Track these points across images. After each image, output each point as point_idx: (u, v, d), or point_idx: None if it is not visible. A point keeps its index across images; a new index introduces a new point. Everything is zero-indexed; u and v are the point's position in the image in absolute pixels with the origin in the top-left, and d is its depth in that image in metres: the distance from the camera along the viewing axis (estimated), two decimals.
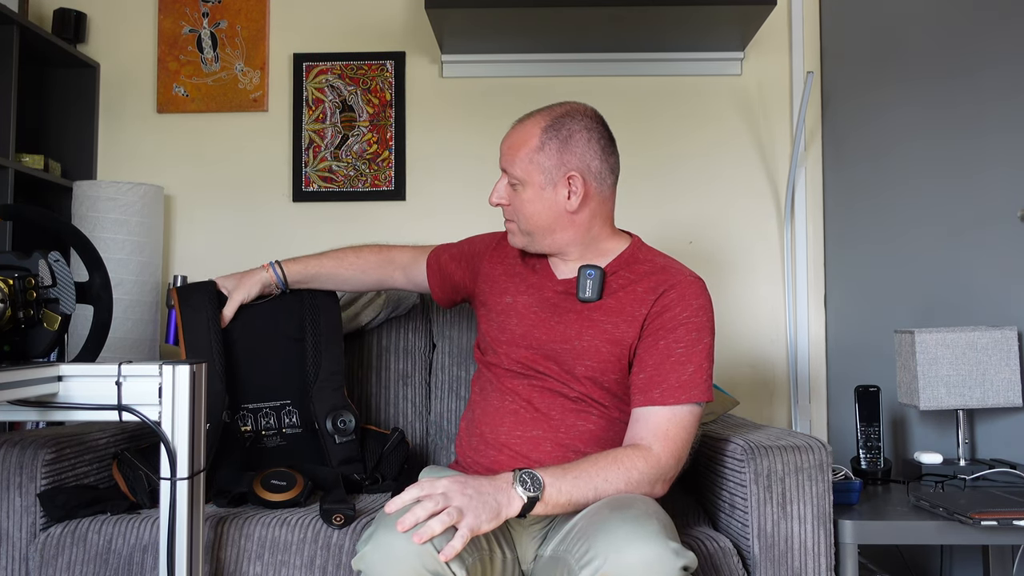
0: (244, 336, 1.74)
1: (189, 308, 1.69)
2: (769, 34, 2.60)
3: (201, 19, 2.66)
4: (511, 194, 1.50)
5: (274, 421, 1.73)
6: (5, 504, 1.53)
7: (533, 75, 2.63)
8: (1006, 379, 1.86)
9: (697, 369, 1.40)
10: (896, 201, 2.30)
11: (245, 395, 1.72)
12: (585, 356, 1.45)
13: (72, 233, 1.48)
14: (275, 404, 1.74)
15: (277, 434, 1.73)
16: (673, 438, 1.37)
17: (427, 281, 1.76)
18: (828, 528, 1.46)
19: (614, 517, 1.18)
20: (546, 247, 1.52)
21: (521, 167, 1.47)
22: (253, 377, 1.73)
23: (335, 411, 1.72)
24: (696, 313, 1.44)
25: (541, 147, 1.47)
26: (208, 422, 1.43)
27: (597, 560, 1.12)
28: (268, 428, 1.73)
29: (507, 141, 1.52)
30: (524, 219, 1.50)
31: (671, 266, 1.51)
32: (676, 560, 1.11)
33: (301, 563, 1.46)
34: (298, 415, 1.74)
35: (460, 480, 1.22)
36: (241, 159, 2.65)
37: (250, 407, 1.72)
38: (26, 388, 1.24)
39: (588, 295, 1.47)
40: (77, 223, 2.38)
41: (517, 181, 1.48)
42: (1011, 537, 1.57)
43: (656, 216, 2.61)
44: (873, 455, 1.93)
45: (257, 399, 1.73)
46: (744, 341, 2.58)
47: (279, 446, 1.72)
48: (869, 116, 2.41)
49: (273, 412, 1.73)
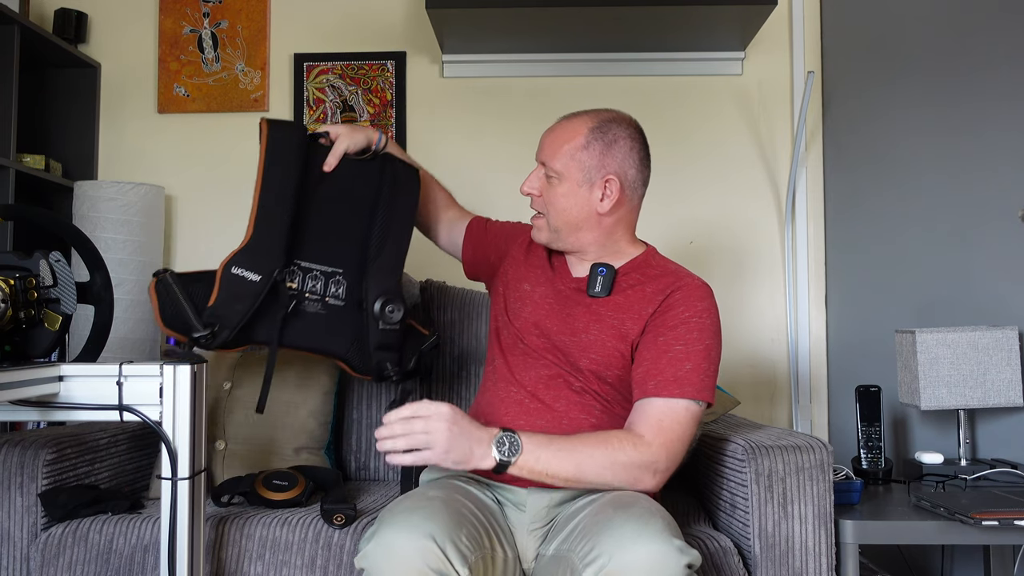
0: (322, 188, 1.60)
1: (273, 145, 1.56)
2: (770, 34, 2.60)
3: (202, 19, 2.66)
4: (544, 186, 1.53)
5: (320, 287, 1.59)
6: (6, 504, 1.54)
7: (533, 75, 2.63)
8: (1007, 379, 1.86)
9: (695, 367, 1.40)
10: (897, 201, 2.29)
11: (301, 250, 1.58)
12: (591, 349, 1.47)
13: (73, 233, 1.49)
14: (327, 269, 1.59)
15: (320, 301, 1.59)
16: (667, 430, 1.36)
17: (463, 240, 1.77)
18: (829, 528, 1.46)
19: (618, 515, 1.18)
20: (569, 244, 1.55)
21: (562, 161, 1.50)
22: (315, 234, 1.59)
23: (387, 295, 1.58)
24: (699, 314, 1.45)
25: (586, 146, 1.50)
26: (259, 273, 1.49)
27: (602, 558, 1.12)
28: (312, 292, 1.58)
29: (551, 135, 1.54)
30: (555, 213, 1.52)
31: (681, 271, 1.54)
32: (680, 558, 1.12)
33: (302, 563, 1.47)
34: (345, 288, 1.60)
35: (455, 417, 1.27)
36: (242, 159, 2.65)
37: (302, 264, 1.58)
38: (27, 388, 1.24)
39: (597, 290, 1.50)
40: (78, 223, 2.38)
41: (555, 174, 1.51)
42: (1012, 537, 1.57)
43: (656, 216, 2.60)
44: (874, 455, 1.93)
45: (311, 258, 1.59)
46: (745, 341, 2.58)
47: (317, 314, 1.58)
48: (870, 116, 2.41)
49: (322, 277, 1.59)
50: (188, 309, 1.46)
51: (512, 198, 2.57)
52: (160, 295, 1.47)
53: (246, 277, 1.49)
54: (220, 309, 1.48)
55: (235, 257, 1.50)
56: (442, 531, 1.17)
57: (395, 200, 1.64)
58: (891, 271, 2.31)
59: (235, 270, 1.50)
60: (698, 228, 2.62)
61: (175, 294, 1.46)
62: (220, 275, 1.49)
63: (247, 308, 1.48)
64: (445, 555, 1.15)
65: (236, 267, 1.50)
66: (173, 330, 1.47)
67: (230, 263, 1.50)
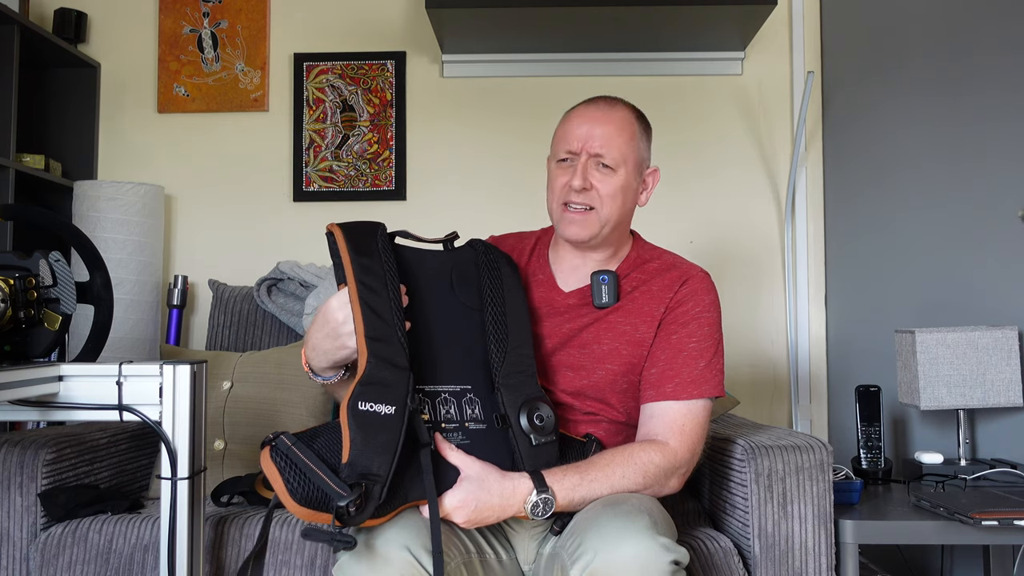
0: (416, 294, 1.34)
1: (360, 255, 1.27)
2: (770, 34, 2.60)
3: (202, 19, 2.66)
4: (595, 177, 1.43)
5: (455, 411, 1.32)
6: (6, 504, 1.54)
7: (533, 75, 2.63)
8: (1007, 379, 1.86)
9: (709, 364, 1.41)
10: (897, 201, 2.29)
11: (419, 374, 1.28)
12: (606, 360, 1.44)
13: (73, 233, 1.49)
14: (454, 389, 1.33)
15: (459, 429, 1.30)
16: (689, 432, 1.38)
17: None
18: (829, 528, 1.46)
19: (606, 513, 1.19)
20: (603, 239, 1.47)
21: (620, 151, 1.43)
22: (428, 351, 1.32)
23: (530, 403, 1.33)
24: (708, 308, 1.46)
25: (641, 135, 1.48)
26: (393, 405, 1.19)
27: (587, 555, 1.13)
28: (449, 420, 1.30)
29: (600, 123, 1.44)
30: (611, 206, 1.43)
31: (679, 262, 1.52)
32: (665, 555, 1.12)
33: (302, 563, 1.47)
34: (480, 406, 1.33)
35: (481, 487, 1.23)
36: (242, 159, 2.65)
37: (426, 389, 1.30)
38: (27, 388, 1.24)
39: (605, 300, 1.46)
40: (78, 223, 2.38)
41: (611, 165, 1.42)
42: (1012, 537, 1.57)
43: (657, 216, 2.60)
44: (874, 455, 1.93)
45: (433, 380, 1.31)
46: (745, 341, 2.58)
47: (462, 445, 1.28)
48: (870, 116, 2.41)
49: (453, 399, 1.32)
50: (322, 473, 1.13)
51: (512, 198, 2.59)
52: (280, 467, 1.15)
53: (379, 412, 1.18)
54: (360, 461, 1.15)
55: (356, 391, 1.19)
56: (416, 540, 1.16)
57: (500, 288, 1.41)
58: (891, 271, 2.31)
59: (363, 406, 1.17)
60: (698, 228, 2.62)
61: (299, 460, 1.15)
62: (346, 418, 1.17)
63: (392, 453, 1.16)
64: (420, 563, 1.14)
65: (363, 402, 1.18)
66: (312, 508, 1.13)
67: (354, 399, 1.18)
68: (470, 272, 1.41)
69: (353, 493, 1.11)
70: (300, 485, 1.14)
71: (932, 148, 2.17)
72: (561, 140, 1.47)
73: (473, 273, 1.41)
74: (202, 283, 2.59)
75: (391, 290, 1.26)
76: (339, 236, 1.28)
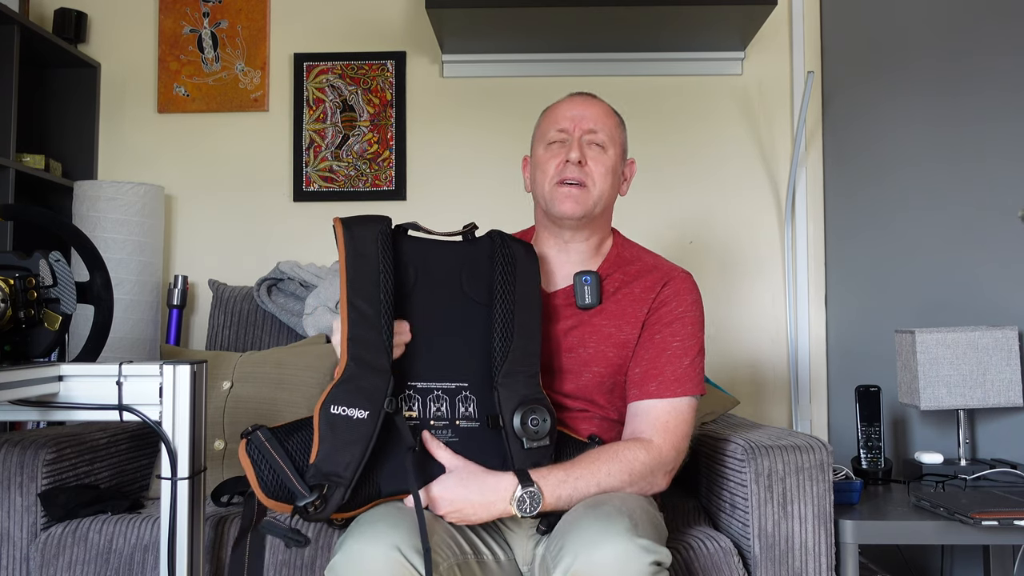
0: (420, 289, 1.34)
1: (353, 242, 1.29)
2: (770, 34, 2.60)
3: (202, 19, 2.66)
4: (589, 155, 1.47)
5: (446, 409, 1.32)
6: (6, 504, 1.54)
7: (533, 75, 2.63)
8: (1007, 379, 1.86)
9: (692, 363, 1.44)
10: (897, 201, 2.29)
11: (411, 370, 1.31)
12: (592, 363, 1.46)
13: (73, 233, 1.49)
14: (448, 386, 1.32)
15: (449, 427, 1.31)
16: (673, 430, 1.39)
17: None
18: (829, 528, 1.46)
19: (587, 515, 1.19)
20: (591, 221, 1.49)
21: (610, 131, 1.49)
22: (425, 347, 1.32)
23: (526, 405, 1.32)
24: (690, 308, 1.47)
25: (620, 124, 1.54)
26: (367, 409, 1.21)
27: (567, 558, 1.13)
28: (438, 418, 1.31)
29: (588, 107, 1.50)
30: (600, 183, 1.46)
31: (660, 264, 1.54)
32: (645, 556, 1.11)
33: (302, 563, 1.47)
34: (475, 404, 1.33)
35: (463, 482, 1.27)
36: (242, 159, 2.65)
37: (418, 386, 1.31)
38: (27, 388, 1.24)
39: (589, 301, 1.47)
40: (78, 223, 2.38)
41: (602, 143, 1.48)
42: (1012, 537, 1.57)
43: (657, 216, 2.61)
44: (874, 455, 1.93)
45: (427, 377, 1.32)
46: (744, 341, 2.58)
47: (450, 442, 1.30)
48: (870, 116, 2.41)
49: (446, 397, 1.32)
50: (289, 472, 1.18)
51: (512, 198, 2.58)
52: (255, 460, 1.20)
53: (351, 416, 1.21)
54: (325, 463, 1.19)
55: (331, 393, 1.22)
56: (407, 540, 1.15)
57: (513, 282, 1.38)
58: (891, 271, 2.31)
59: (335, 410, 1.21)
60: (698, 228, 2.62)
61: (270, 455, 1.20)
62: (317, 420, 1.21)
63: (358, 458, 1.20)
64: (410, 563, 1.14)
65: (336, 406, 1.21)
66: (278, 500, 1.20)
67: (327, 401, 1.22)
68: (483, 266, 1.39)
69: (312, 495, 1.17)
70: (270, 479, 1.20)
71: (932, 148, 2.17)
72: (551, 123, 1.51)
73: (486, 267, 1.39)
74: (202, 283, 2.59)
75: (383, 290, 1.27)
76: (339, 233, 1.30)
